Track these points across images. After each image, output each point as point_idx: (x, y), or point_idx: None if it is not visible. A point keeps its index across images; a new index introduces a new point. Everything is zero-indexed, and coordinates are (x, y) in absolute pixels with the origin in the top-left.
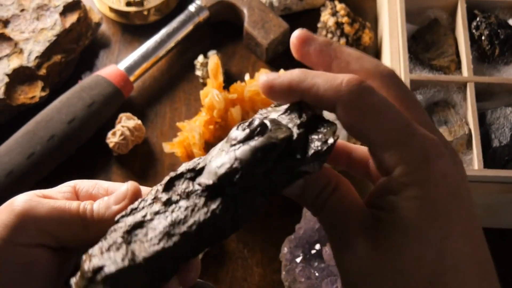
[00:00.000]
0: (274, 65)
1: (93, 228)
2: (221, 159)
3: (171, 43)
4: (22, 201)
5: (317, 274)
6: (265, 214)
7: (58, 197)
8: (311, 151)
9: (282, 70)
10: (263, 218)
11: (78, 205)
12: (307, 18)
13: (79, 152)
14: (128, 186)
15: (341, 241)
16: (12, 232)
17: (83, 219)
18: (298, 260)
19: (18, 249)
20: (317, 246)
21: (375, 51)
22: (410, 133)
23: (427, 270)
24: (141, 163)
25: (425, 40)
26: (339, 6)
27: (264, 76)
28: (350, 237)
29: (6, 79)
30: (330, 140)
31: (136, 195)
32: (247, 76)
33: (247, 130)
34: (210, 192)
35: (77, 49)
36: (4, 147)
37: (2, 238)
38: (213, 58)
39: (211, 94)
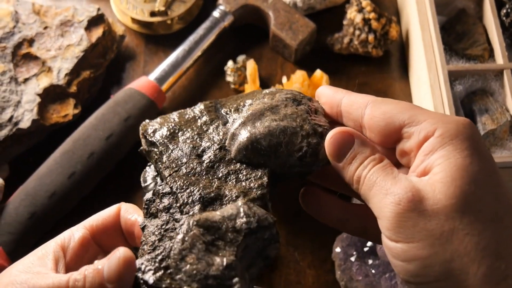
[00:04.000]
0: (302, 66)
1: None
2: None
3: (199, 51)
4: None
5: (373, 271)
6: (311, 217)
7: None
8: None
9: (318, 70)
10: (310, 220)
11: (67, 279)
12: (331, 16)
13: (118, 168)
14: (119, 254)
15: None
16: None
17: None
18: (353, 259)
19: None
20: (369, 243)
21: (401, 45)
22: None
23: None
24: None
25: (456, 31)
26: (365, 2)
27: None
28: None
29: (38, 99)
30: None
31: (129, 264)
32: (284, 79)
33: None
34: None
35: (104, 63)
36: (44, 168)
37: None
38: (251, 63)
39: None
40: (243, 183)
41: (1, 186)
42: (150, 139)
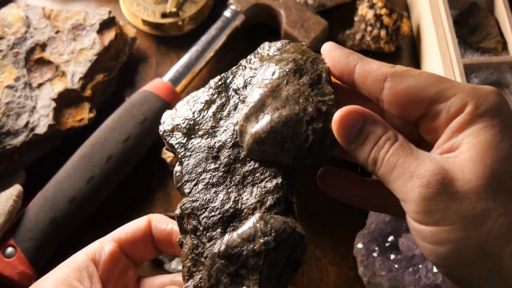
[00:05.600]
0: None
1: None
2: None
3: (211, 51)
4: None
5: (396, 266)
6: (330, 214)
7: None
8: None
9: None
10: (328, 217)
11: None
12: (342, 12)
13: (135, 170)
14: None
15: None
16: None
17: None
18: (375, 254)
19: None
20: (390, 238)
21: (411, 40)
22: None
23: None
24: None
25: (469, 24)
26: None
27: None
28: None
29: (53, 104)
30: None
31: None
32: None
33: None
34: None
35: (116, 66)
36: (63, 173)
37: None
38: None
39: None
40: (259, 187)
41: (20, 192)
42: (169, 141)
